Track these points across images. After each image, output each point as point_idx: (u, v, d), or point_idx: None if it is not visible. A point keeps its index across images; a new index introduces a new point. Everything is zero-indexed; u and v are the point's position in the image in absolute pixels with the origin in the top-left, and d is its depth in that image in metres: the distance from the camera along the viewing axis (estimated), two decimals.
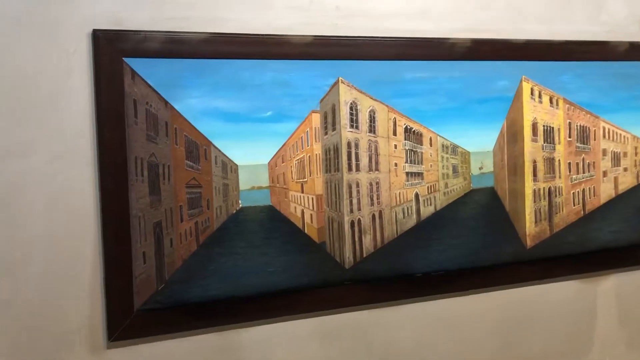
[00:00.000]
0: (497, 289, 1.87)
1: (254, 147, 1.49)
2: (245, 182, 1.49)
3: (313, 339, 1.67)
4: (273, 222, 1.54)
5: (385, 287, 1.72)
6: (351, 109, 1.60)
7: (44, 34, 1.38)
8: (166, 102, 1.43)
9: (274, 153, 1.51)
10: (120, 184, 1.43)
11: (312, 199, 1.56)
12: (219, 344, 1.56)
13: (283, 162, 1.52)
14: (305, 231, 1.58)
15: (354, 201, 1.61)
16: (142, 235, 1.43)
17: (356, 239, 1.63)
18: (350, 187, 1.60)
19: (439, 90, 1.70)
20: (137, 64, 1.42)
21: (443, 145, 1.70)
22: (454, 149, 1.72)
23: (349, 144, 1.60)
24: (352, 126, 1.60)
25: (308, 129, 1.54)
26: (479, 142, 1.76)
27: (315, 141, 1.56)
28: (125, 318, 1.46)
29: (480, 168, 1.78)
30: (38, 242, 1.40)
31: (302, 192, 1.56)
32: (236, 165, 1.47)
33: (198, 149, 1.46)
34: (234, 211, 1.49)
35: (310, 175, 1.56)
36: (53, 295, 1.42)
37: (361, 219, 1.63)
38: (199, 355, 1.54)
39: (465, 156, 1.75)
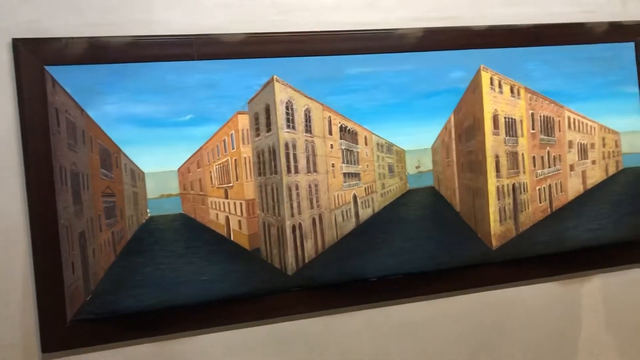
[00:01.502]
0: (464, 293, 1.78)
1: (164, 152, 1.45)
2: (153, 189, 1.45)
3: (262, 348, 1.62)
4: (190, 230, 1.50)
5: (337, 292, 1.65)
6: (287, 108, 1.54)
7: None
8: (82, 110, 1.41)
9: (187, 159, 1.47)
10: (48, 194, 1.42)
11: (241, 204, 1.51)
12: (158, 355, 1.54)
13: (199, 168, 1.47)
14: (232, 238, 1.53)
15: (294, 205, 1.56)
16: (69, 245, 1.42)
17: (297, 243, 1.56)
18: (290, 190, 1.55)
19: (382, 85, 1.62)
20: (58, 72, 1.42)
21: (378, 144, 1.62)
22: (389, 147, 1.64)
23: (286, 145, 1.54)
24: (288, 126, 1.55)
25: (233, 131, 1.49)
26: (418, 139, 1.67)
27: (243, 144, 1.51)
28: (59, 329, 1.45)
29: (417, 167, 1.68)
30: None
31: (227, 197, 1.51)
32: (142, 173, 1.43)
33: (110, 156, 1.43)
34: (144, 220, 1.45)
35: (237, 180, 1.51)
36: None
37: (302, 222, 1.57)
38: None
39: (400, 155, 1.66)
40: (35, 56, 1.41)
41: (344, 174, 1.59)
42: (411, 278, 1.70)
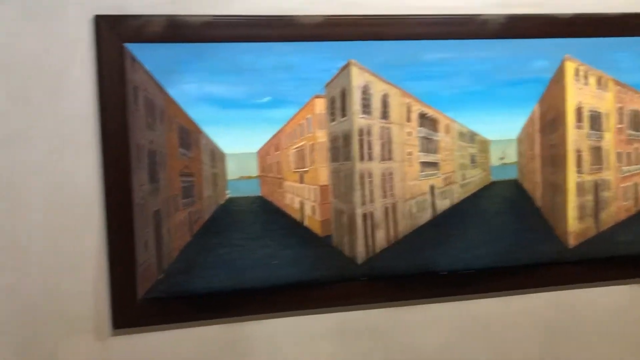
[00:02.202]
0: (536, 291, 1.72)
1: (245, 134, 1.45)
2: (233, 171, 1.45)
3: (325, 336, 1.61)
4: (267, 213, 1.49)
5: (406, 284, 1.63)
6: (363, 93, 1.51)
7: (45, 21, 1.41)
8: (161, 88, 1.42)
9: (266, 141, 1.45)
10: (123, 172, 1.44)
11: (315, 189, 1.50)
12: (225, 337, 1.55)
13: (277, 151, 1.46)
14: (306, 224, 1.51)
15: (366, 192, 1.53)
16: (144, 224, 1.44)
17: (368, 232, 1.54)
18: (362, 177, 1.52)
19: (463, 72, 1.57)
20: (138, 50, 1.42)
21: (460, 133, 1.57)
22: (472, 136, 1.59)
23: (361, 131, 1.51)
24: (364, 112, 1.52)
25: (310, 115, 1.47)
26: (503, 129, 1.61)
27: (319, 128, 1.49)
28: (129, 306, 1.47)
29: (502, 158, 1.63)
30: (41, 231, 1.44)
31: (302, 182, 1.49)
32: (223, 154, 1.43)
33: (189, 136, 1.43)
34: (223, 202, 1.45)
35: (312, 165, 1.49)
36: (58, 283, 1.46)
37: (374, 211, 1.54)
38: (204, 347, 1.54)
39: (485, 145, 1.61)
40: (116, 33, 1.42)
41: (422, 162, 1.56)
42: (482, 273, 1.66)
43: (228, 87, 1.45)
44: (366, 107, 1.53)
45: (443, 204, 1.58)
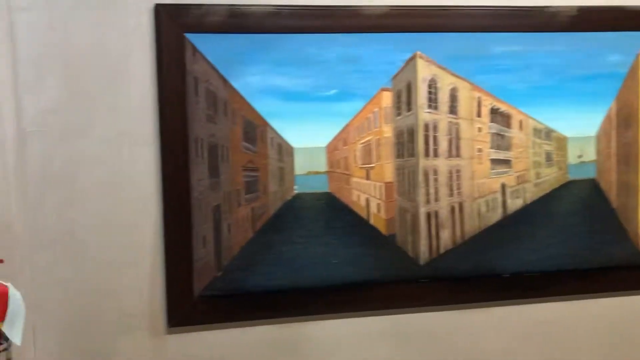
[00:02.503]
0: (604, 295, 1.65)
1: (312, 128, 1.40)
2: (301, 166, 1.40)
3: (384, 338, 1.56)
4: (333, 210, 1.44)
5: (468, 287, 1.57)
6: (430, 86, 1.46)
7: (103, 10, 1.38)
8: (225, 80, 1.38)
9: (335, 135, 1.41)
10: (182, 165, 1.40)
11: (380, 186, 1.45)
12: (282, 337, 1.51)
13: (345, 146, 1.41)
14: (371, 222, 1.47)
15: (431, 191, 1.48)
16: (202, 219, 1.40)
17: (433, 232, 1.49)
18: (426, 174, 1.47)
19: (533, 66, 1.51)
20: (198, 40, 1.38)
21: (535, 129, 1.51)
22: (548, 133, 1.52)
23: (426, 126, 1.46)
24: (430, 106, 1.46)
25: (377, 108, 1.42)
26: (579, 126, 1.54)
27: (385, 123, 1.44)
28: (186, 304, 1.43)
29: (580, 156, 1.56)
30: (98, 224, 1.41)
31: (368, 178, 1.44)
32: (291, 148, 1.38)
33: (255, 129, 1.39)
34: (289, 197, 1.41)
35: (378, 161, 1.44)
36: (113, 278, 1.43)
37: (438, 210, 1.49)
38: (260, 347, 1.50)
39: (562, 142, 1.54)
40: (176, 23, 1.39)
41: (492, 160, 1.50)
42: (547, 276, 1.59)
43: (293, 79, 1.40)
44: (432, 101, 1.47)
45: (515, 204, 1.52)
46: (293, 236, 1.42)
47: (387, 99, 1.43)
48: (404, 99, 1.45)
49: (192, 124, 1.38)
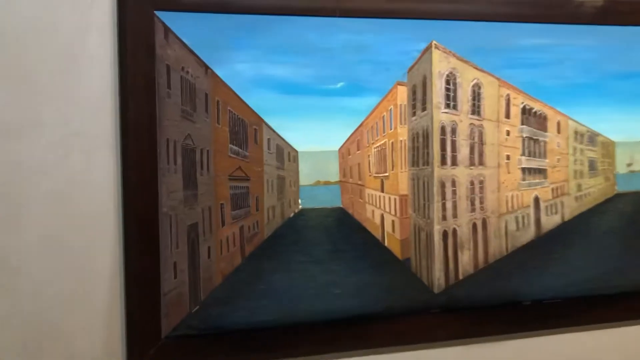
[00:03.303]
0: (633, 323, 1.47)
1: (320, 128, 1.15)
2: (307, 174, 1.15)
3: None
4: (343, 230, 1.20)
5: (484, 317, 1.37)
6: (447, 82, 1.25)
7: None
8: (207, 68, 1.13)
9: (347, 137, 1.17)
10: (148, 174, 1.15)
11: (395, 200, 1.22)
12: None
13: (358, 150, 1.18)
14: (386, 244, 1.23)
15: (448, 205, 1.26)
16: (173, 241, 1.13)
17: (450, 254, 1.27)
18: (443, 185, 1.25)
19: (565, 60, 1.32)
20: (172, 20, 1.13)
21: (576, 132, 1.31)
22: (592, 137, 1.33)
23: (442, 129, 1.25)
24: (448, 105, 1.25)
25: (392, 106, 1.19)
26: (627, 129, 1.36)
27: (401, 123, 1.21)
28: (151, 346, 1.17)
29: (629, 165, 1.37)
30: (41, 247, 1.14)
31: (382, 190, 1.21)
32: (295, 152, 1.13)
33: (246, 129, 1.14)
34: (292, 214, 1.16)
35: (392, 169, 1.21)
36: (59, 314, 1.16)
37: (457, 228, 1.27)
38: None
39: (608, 148, 1.35)
40: None
41: (523, 169, 1.29)
42: (571, 303, 1.40)
43: (292, 68, 1.16)
44: (451, 100, 1.26)
45: (550, 221, 1.31)
46: (290, 262, 1.17)
47: (403, 95, 1.21)
48: (419, 96, 1.24)
49: (162, 122, 1.12)
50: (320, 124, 1.14)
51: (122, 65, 1.13)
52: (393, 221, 1.22)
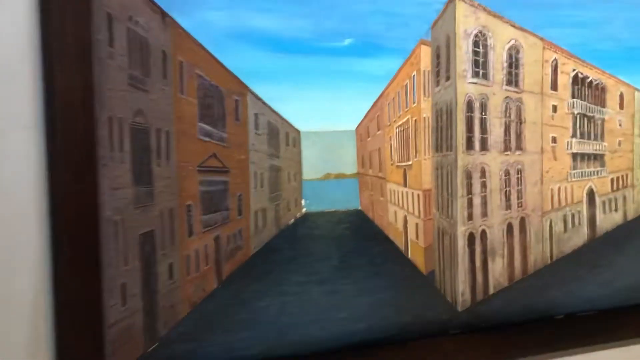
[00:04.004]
0: None
1: (329, 99, 0.85)
2: (314, 165, 0.84)
3: None
4: (359, 239, 0.92)
5: (512, 336, 1.12)
6: (476, 44, 0.97)
7: None
8: (164, 16, 0.81)
9: (365, 113, 0.87)
10: (85, 165, 0.82)
11: (418, 196, 0.94)
12: None
13: (379, 130, 0.89)
14: (409, 255, 0.95)
15: (476, 201, 0.99)
16: (120, 256, 0.83)
17: (478, 263, 1.00)
18: (469, 176, 0.98)
19: (614, 20, 1.06)
20: None
21: None
22: None
23: (469, 104, 0.98)
24: (476, 74, 0.98)
25: (415, 72, 0.91)
26: None
27: (425, 95, 0.93)
28: None
29: None
30: None
31: (405, 185, 0.93)
32: (297, 133, 0.83)
33: (223, 101, 0.83)
34: (291, 220, 0.86)
35: (416, 156, 0.93)
36: None
37: (487, 230, 1.00)
38: None
39: None
40: None
41: (574, 155, 1.03)
42: (607, 316, 1.16)
43: (283, 19, 0.85)
44: (480, 67, 0.98)
45: (608, 220, 1.06)
46: (282, 283, 0.88)
47: (427, 58, 0.93)
48: (443, 62, 0.96)
49: (103, 94, 0.81)
50: (329, 94, 0.84)
51: (45, 15, 0.81)
52: (417, 224, 0.95)
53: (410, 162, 0.93)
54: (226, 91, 0.83)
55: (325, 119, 0.82)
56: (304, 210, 0.85)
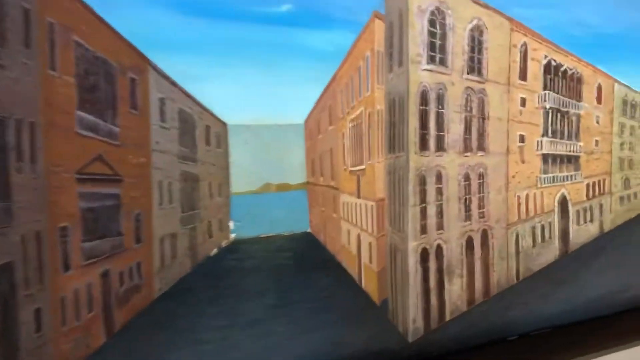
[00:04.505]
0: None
1: (267, 81, 0.63)
2: (248, 172, 0.62)
3: None
4: (305, 269, 0.71)
5: None
6: (433, 23, 0.80)
7: None
8: None
9: (315, 102, 0.67)
10: None
11: (372, 208, 0.75)
12: None
13: (331, 125, 0.69)
14: (363, 284, 0.76)
15: (430, 210, 0.82)
16: None
17: (432, 284, 0.83)
18: (422, 181, 0.80)
19: (584, 3, 0.91)
20: None
21: (625, 103, 0.92)
22: None
23: (424, 95, 0.80)
24: (432, 59, 0.80)
25: (369, 51, 0.72)
26: None
27: (379, 83, 0.74)
28: None
29: None
30: None
31: (359, 195, 0.74)
32: (222, 127, 0.61)
33: (113, 80, 0.59)
34: (214, 250, 0.64)
35: (369, 159, 0.74)
36: None
37: (443, 245, 0.83)
38: None
39: None
40: None
41: (546, 156, 0.88)
42: (560, 332, 1.04)
43: None
44: (437, 50, 0.81)
45: (583, 232, 0.92)
46: (202, 329, 0.65)
47: (381, 34, 0.74)
48: (396, 43, 0.77)
49: None
50: (268, 75, 0.62)
51: None
52: (370, 244, 0.76)
53: (363, 166, 0.74)
54: (118, 66, 0.59)
55: (263, 108, 0.60)
56: (232, 236, 0.63)
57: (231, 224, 0.61)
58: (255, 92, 0.60)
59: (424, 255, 0.84)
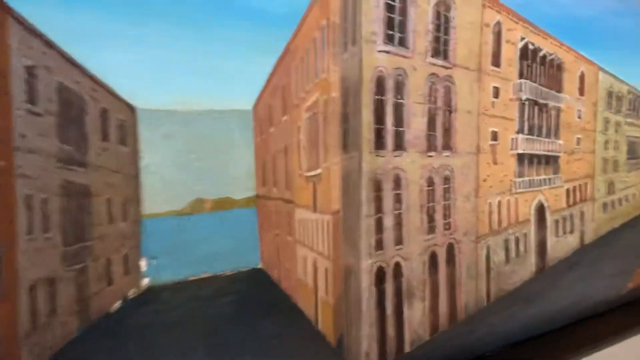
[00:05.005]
0: None
1: (198, 50, 0.44)
2: (168, 183, 0.43)
3: None
4: (248, 317, 0.53)
5: None
6: None
7: None
8: None
9: (264, 82, 0.49)
10: None
11: (328, 224, 0.59)
12: None
13: (285, 115, 0.52)
14: (320, 324, 0.60)
15: (387, 222, 0.67)
16: None
17: (389, 310, 0.69)
18: (378, 187, 0.66)
19: None
20: None
21: (610, 95, 0.81)
22: (637, 103, 0.84)
23: (379, 82, 0.65)
24: (390, 38, 0.66)
25: (324, 22, 0.56)
26: None
27: (334, 63, 0.58)
28: None
29: None
30: None
31: (315, 208, 0.58)
32: (129, 112, 0.42)
33: None
34: (117, 302, 0.45)
35: (325, 160, 0.58)
36: None
37: (402, 263, 0.69)
38: None
39: None
40: None
41: (521, 156, 0.75)
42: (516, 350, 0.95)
43: None
44: (397, 28, 0.66)
45: (563, 245, 0.80)
46: None
47: (337, 3, 0.58)
48: (350, 17, 0.62)
49: None
50: (198, 36, 0.43)
51: None
52: (326, 270, 0.60)
53: (319, 171, 0.58)
54: None
55: (193, 86, 0.41)
56: (145, 280, 0.44)
57: (143, 263, 0.43)
58: (181, 62, 0.42)
59: (380, 276, 0.70)
